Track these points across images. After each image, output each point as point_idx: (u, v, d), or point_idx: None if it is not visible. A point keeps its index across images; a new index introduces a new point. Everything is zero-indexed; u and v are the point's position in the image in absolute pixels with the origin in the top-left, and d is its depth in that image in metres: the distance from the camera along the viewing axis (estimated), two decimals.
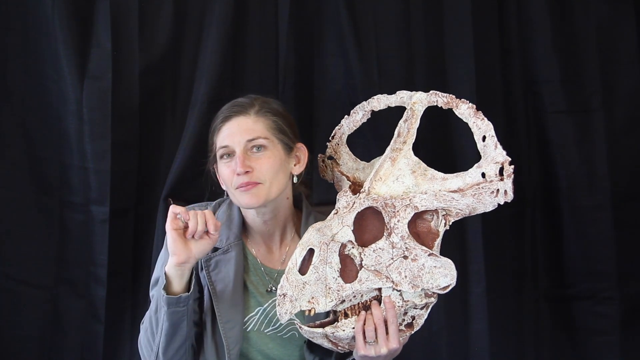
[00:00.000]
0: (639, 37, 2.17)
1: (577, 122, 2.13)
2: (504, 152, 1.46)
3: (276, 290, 1.58)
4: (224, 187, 1.63)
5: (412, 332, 1.49)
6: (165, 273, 1.49)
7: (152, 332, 1.53)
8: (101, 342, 1.93)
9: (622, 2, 2.16)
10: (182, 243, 1.47)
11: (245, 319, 1.59)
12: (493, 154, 1.47)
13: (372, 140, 1.97)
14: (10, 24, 1.91)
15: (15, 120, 1.92)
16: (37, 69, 1.92)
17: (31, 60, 1.92)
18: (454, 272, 1.46)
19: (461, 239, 2.06)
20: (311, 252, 1.44)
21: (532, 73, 2.14)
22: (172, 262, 1.47)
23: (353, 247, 1.46)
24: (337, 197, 1.56)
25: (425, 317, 1.50)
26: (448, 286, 1.46)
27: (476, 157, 1.63)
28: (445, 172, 1.51)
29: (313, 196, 1.88)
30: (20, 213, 1.92)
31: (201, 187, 1.74)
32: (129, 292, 1.97)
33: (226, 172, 1.56)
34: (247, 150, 1.55)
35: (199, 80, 1.98)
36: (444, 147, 2.07)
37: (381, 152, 1.98)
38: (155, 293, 1.54)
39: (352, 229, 1.46)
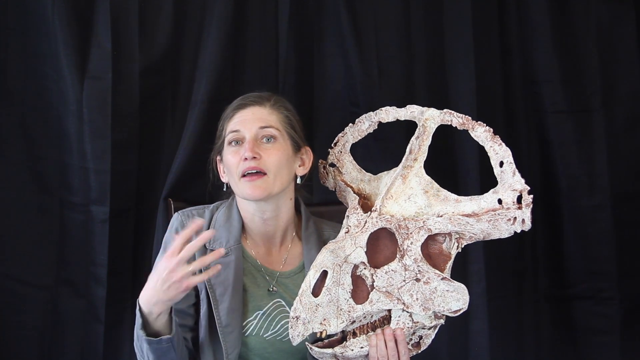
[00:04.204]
0: (639, 37, 2.17)
1: (577, 122, 2.13)
2: (523, 180, 1.46)
3: (277, 290, 1.59)
4: (224, 180, 1.63)
5: (419, 352, 1.50)
6: (141, 311, 1.42)
7: (140, 353, 1.48)
8: (101, 342, 1.93)
9: (622, 2, 2.16)
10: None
11: (244, 323, 1.58)
12: (511, 180, 1.47)
13: (372, 141, 1.97)
14: (10, 24, 1.91)
15: (15, 120, 1.92)
16: (37, 69, 1.92)
17: (31, 60, 1.92)
18: (467, 297, 1.46)
19: None
20: (324, 273, 1.44)
21: (532, 73, 2.14)
22: (159, 309, 1.41)
23: (365, 268, 1.46)
24: (347, 213, 1.56)
25: (433, 337, 1.51)
26: (460, 310, 1.46)
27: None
28: (444, 185, 1.51)
29: (314, 196, 1.88)
30: (20, 213, 1.92)
31: (201, 187, 1.74)
32: (129, 292, 1.96)
33: (232, 160, 1.56)
34: (258, 139, 1.55)
35: (199, 80, 1.97)
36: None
37: (383, 153, 1.99)
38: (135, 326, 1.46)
39: (364, 250, 1.46)
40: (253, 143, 1.54)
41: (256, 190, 1.54)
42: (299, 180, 1.63)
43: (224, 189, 1.64)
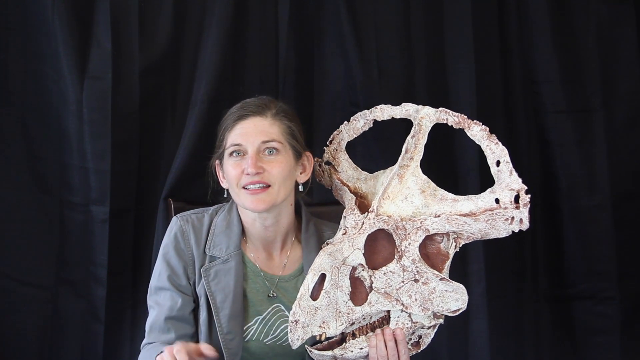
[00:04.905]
0: (639, 37, 2.17)
1: (577, 122, 2.13)
2: (520, 180, 1.45)
3: (276, 295, 1.58)
4: (223, 185, 1.62)
5: (419, 351, 1.50)
6: None
7: None
8: (101, 342, 1.93)
9: (622, 2, 2.16)
10: None
11: (244, 328, 1.58)
12: (508, 180, 1.46)
13: (372, 140, 1.97)
14: (10, 24, 1.91)
15: (15, 120, 1.92)
16: (37, 69, 1.92)
17: (31, 60, 1.92)
18: (466, 297, 1.46)
19: None
20: (322, 276, 1.44)
21: (532, 73, 2.14)
22: None
23: (363, 270, 1.46)
24: (344, 214, 1.55)
25: (432, 336, 1.51)
26: (458, 310, 1.46)
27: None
28: (444, 185, 1.51)
29: (313, 196, 1.88)
30: (20, 213, 1.92)
31: (201, 187, 1.74)
32: (129, 292, 1.96)
33: (233, 171, 1.54)
34: (260, 152, 1.54)
35: (199, 80, 1.97)
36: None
37: (383, 153, 1.99)
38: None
39: (362, 252, 1.45)
40: (256, 158, 1.53)
41: (259, 204, 1.53)
42: (301, 188, 1.62)
43: (224, 195, 1.64)
